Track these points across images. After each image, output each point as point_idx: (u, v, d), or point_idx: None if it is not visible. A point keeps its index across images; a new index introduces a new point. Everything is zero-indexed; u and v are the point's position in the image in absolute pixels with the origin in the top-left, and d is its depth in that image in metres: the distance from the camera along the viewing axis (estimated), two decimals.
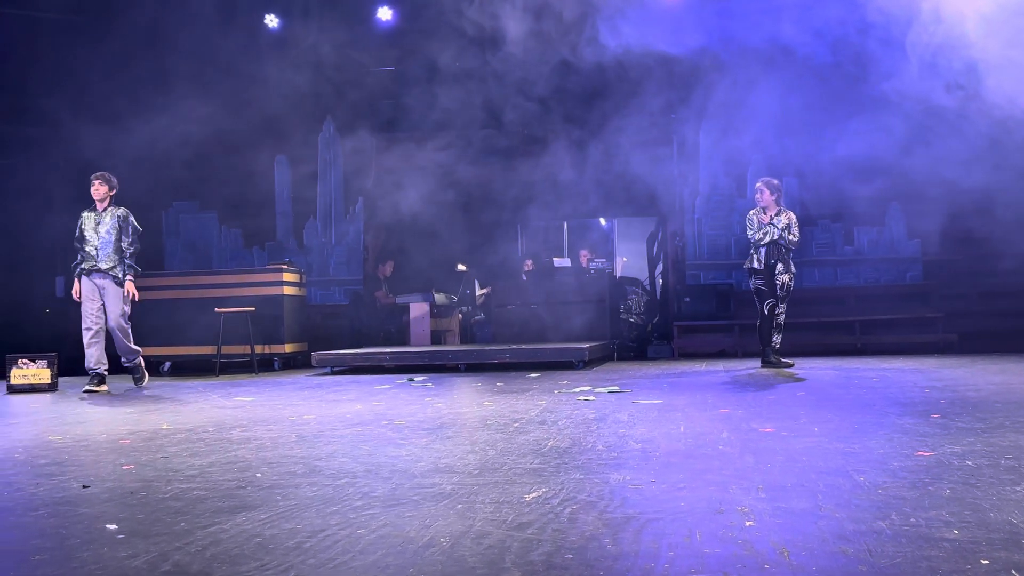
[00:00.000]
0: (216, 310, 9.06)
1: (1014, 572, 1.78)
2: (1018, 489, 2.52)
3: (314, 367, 9.05)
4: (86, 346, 7.24)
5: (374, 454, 3.51)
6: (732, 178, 11.22)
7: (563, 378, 7.15)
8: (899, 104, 8.71)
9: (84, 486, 2.96)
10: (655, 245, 12.59)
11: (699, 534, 2.13)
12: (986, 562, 1.85)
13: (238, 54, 10.64)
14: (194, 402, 6.10)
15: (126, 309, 7.29)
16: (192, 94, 10.10)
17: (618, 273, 13.48)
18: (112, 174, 7.46)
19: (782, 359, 7.87)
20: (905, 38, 7.77)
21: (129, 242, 7.31)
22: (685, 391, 5.91)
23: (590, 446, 3.55)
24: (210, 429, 4.47)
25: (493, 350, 8.81)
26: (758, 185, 7.98)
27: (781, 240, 7.75)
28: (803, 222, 8.63)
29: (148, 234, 9.36)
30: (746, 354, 9.76)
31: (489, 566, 1.92)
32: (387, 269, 11.91)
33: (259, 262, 11.60)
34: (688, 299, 10.71)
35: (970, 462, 2.95)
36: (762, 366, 7.86)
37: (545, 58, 9.82)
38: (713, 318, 10.55)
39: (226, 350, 9.16)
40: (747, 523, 2.21)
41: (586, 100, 10.98)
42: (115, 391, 7.17)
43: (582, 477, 2.88)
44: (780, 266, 7.77)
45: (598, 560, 1.94)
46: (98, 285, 7.25)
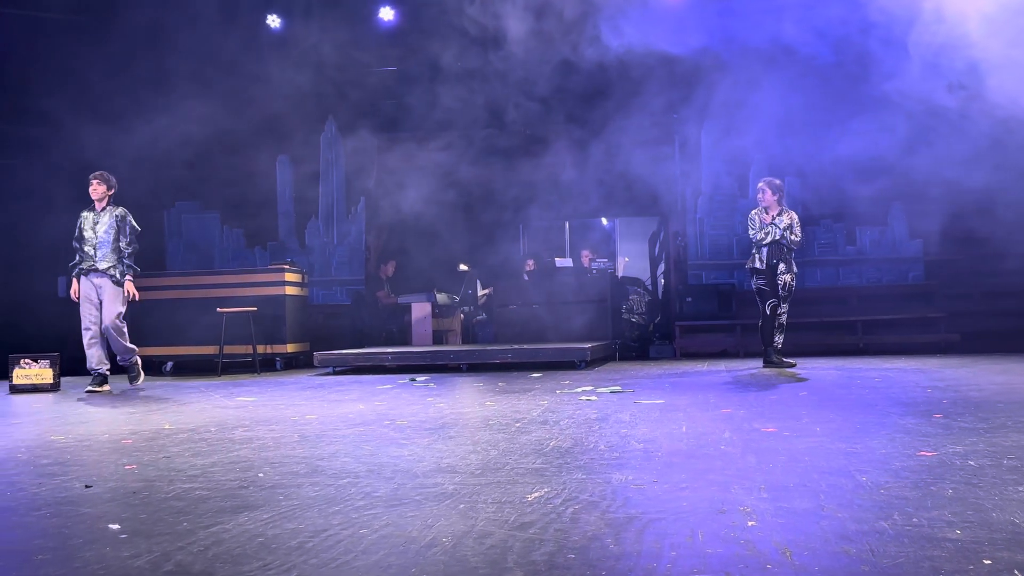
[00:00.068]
0: (218, 310, 9.06)
1: (1016, 572, 1.77)
2: (1020, 489, 2.52)
3: (316, 367, 9.06)
4: (86, 347, 7.23)
5: (376, 454, 3.51)
6: (734, 178, 11.21)
7: (565, 378, 7.15)
8: (901, 104, 8.71)
9: (86, 486, 2.96)
10: (657, 245, 12.59)
11: (701, 534, 2.13)
12: (988, 562, 1.84)
13: (240, 54, 10.64)
14: (196, 402, 6.10)
15: (121, 309, 7.23)
16: (194, 94, 10.10)
17: (620, 273, 13.48)
18: (111, 174, 7.43)
19: (784, 359, 7.87)
20: (907, 38, 7.77)
21: (127, 242, 7.27)
22: (687, 391, 5.90)
23: (592, 446, 3.55)
24: (212, 429, 4.47)
25: (495, 350, 8.81)
26: (760, 185, 7.98)
27: (783, 240, 7.74)
28: (805, 222, 8.62)
29: (150, 234, 9.38)
30: (748, 354, 9.76)
31: (491, 566, 1.92)
32: (389, 269, 11.91)
33: (261, 262, 11.61)
34: (690, 299, 10.70)
35: (972, 462, 2.95)
36: (764, 366, 7.86)
37: (547, 58, 9.81)
38: (715, 318, 10.54)
39: (228, 350, 9.17)
40: (749, 523, 2.21)
41: (588, 100, 10.96)
42: (117, 391, 7.18)
43: (584, 477, 2.88)
44: (782, 266, 7.76)
45: (600, 560, 1.94)
46: (96, 285, 7.22)
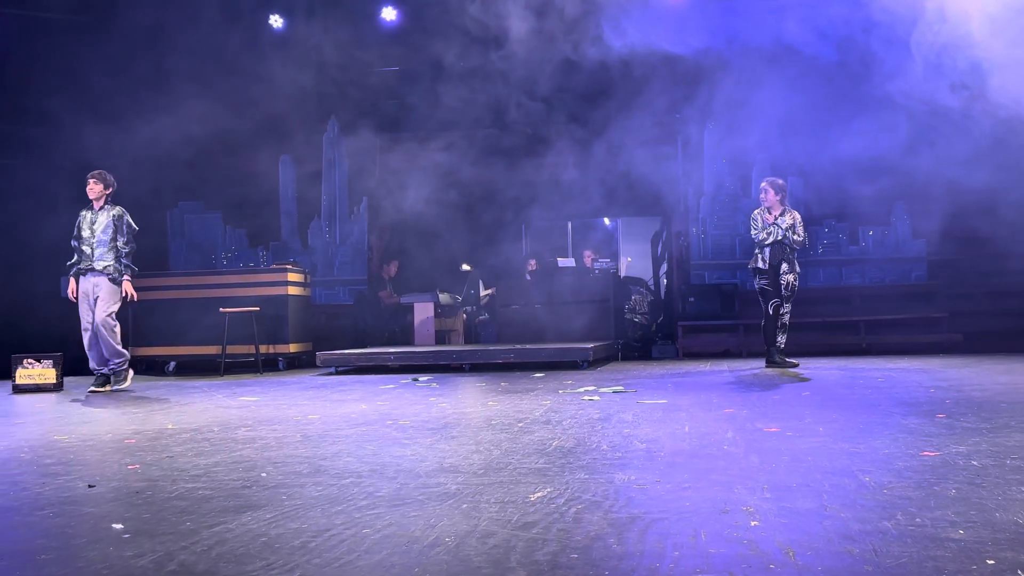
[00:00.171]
0: (221, 310, 9.07)
1: (1020, 572, 1.77)
2: None
3: (318, 367, 9.06)
4: (87, 347, 7.21)
5: (379, 454, 3.51)
6: (736, 178, 11.20)
7: (567, 378, 7.15)
8: (904, 104, 8.69)
9: (90, 485, 2.97)
10: (659, 245, 12.58)
11: (704, 534, 2.13)
12: (992, 562, 1.84)
13: (241, 53, 10.64)
14: (199, 402, 6.11)
15: (114, 308, 7.18)
16: (196, 94, 10.10)
17: (622, 273, 13.46)
18: (112, 173, 7.41)
19: (787, 359, 7.86)
20: (910, 37, 7.76)
21: (124, 241, 7.24)
22: (689, 391, 5.90)
23: (595, 446, 3.55)
24: (215, 429, 4.47)
25: (497, 350, 8.80)
26: (763, 185, 7.98)
27: (786, 240, 7.74)
28: (808, 222, 8.61)
29: (153, 234, 9.38)
30: (750, 354, 9.75)
31: (494, 566, 1.92)
32: (391, 269, 11.91)
33: (264, 262, 11.62)
34: (692, 299, 10.69)
35: (975, 462, 2.95)
36: (767, 366, 7.86)
37: (549, 57, 9.81)
38: (717, 318, 10.53)
39: (231, 350, 9.17)
40: (752, 523, 2.21)
41: (590, 99, 10.96)
42: (118, 392, 7.19)
43: (587, 477, 2.88)
44: (785, 266, 7.76)
45: (603, 560, 1.94)
46: (93, 284, 7.19)
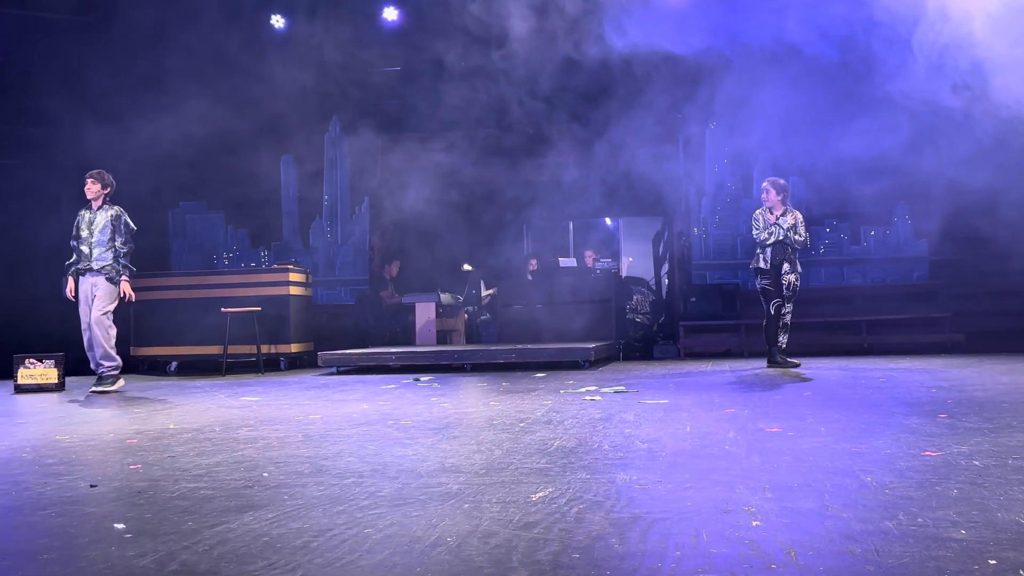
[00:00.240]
0: (222, 310, 9.07)
1: (1022, 572, 1.77)
2: None
3: (320, 367, 9.06)
4: (87, 348, 7.20)
5: (380, 454, 3.51)
6: (738, 178, 11.19)
7: (569, 378, 7.15)
8: (905, 104, 8.69)
9: (91, 485, 2.97)
10: (661, 245, 12.58)
11: (706, 534, 2.13)
12: (994, 562, 1.84)
13: (243, 53, 10.65)
14: (200, 402, 6.11)
15: (110, 307, 7.16)
16: (197, 94, 10.10)
17: (624, 273, 13.46)
18: (109, 173, 7.38)
19: (788, 359, 7.86)
20: (911, 37, 7.75)
21: (122, 241, 7.20)
22: (691, 391, 5.90)
23: (596, 446, 3.55)
24: (217, 429, 4.47)
25: (499, 350, 8.80)
26: (764, 185, 7.97)
27: (787, 240, 7.74)
28: (809, 222, 8.61)
29: (154, 234, 9.38)
30: (752, 354, 9.75)
31: (496, 565, 1.92)
32: (393, 269, 11.91)
33: (265, 262, 11.62)
34: (694, 299, 10.69)
35: (977, 462, 2.95)
36: (768, 366, 7.85)
37: (550, 57, 9.80)
38: (719, 318, 10.53)
39: (232, 350, 9.18)
40: (754, 523, 2.21)
41: (591, 99, 10.95)
42: (120, 391, 7.19)
43: (588, 477, 2.88)
44: (786, 266, 7.75)
45: (605, 560, 1.94)
46: (92, 284, 7.16)
